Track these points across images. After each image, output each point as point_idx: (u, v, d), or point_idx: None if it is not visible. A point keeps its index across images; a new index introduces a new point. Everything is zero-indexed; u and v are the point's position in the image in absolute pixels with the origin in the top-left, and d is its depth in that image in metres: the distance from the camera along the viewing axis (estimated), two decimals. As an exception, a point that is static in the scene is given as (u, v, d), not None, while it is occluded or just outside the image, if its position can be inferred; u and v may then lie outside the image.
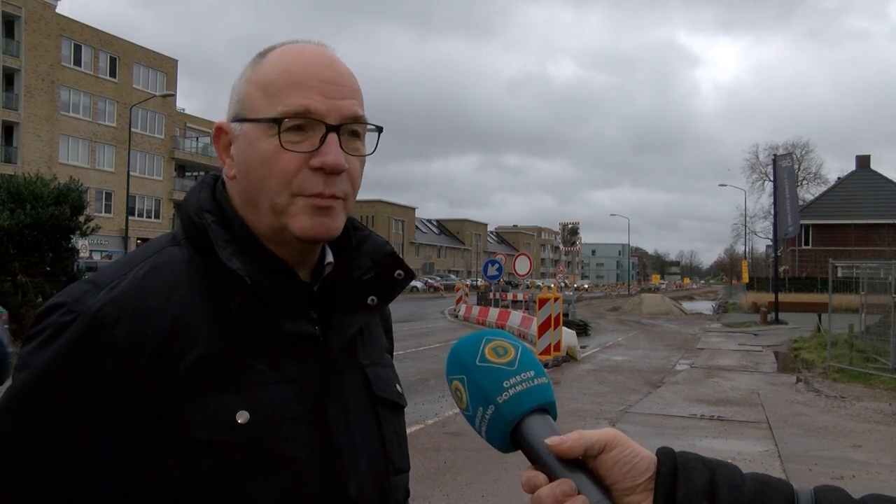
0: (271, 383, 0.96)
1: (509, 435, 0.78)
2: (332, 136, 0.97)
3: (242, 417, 0.92)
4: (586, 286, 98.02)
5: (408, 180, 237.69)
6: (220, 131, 1.05)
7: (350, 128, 1.00)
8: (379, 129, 1.05)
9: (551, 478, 0.74)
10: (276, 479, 0.93)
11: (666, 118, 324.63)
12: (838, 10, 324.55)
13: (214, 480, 0.90)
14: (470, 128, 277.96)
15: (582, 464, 0.74)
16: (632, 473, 0.73)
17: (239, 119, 1.02)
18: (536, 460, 0.76)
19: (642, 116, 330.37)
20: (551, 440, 0.74)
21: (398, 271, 1.11)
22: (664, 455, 0.76)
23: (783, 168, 34.03)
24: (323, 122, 0.97)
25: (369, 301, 1.08)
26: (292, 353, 0.98)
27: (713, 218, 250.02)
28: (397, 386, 1.16)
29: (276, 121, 0.97)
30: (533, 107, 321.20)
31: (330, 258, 1.08)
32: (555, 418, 0.79)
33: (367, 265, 1.09)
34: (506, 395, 0.78)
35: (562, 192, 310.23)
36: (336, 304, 1.05)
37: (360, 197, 1.12)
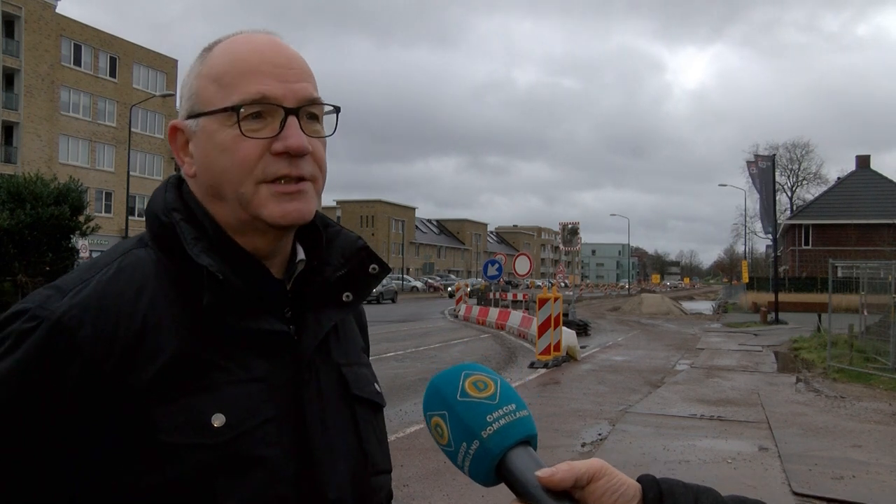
0: (244, 383, 0.93)
1: (494, 469, 0.78)
2: (293, 120, 0.96)
3: (218, 420, 0.90)
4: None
5: (393, 182, 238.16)
6: (175, 130, 1.03)
7: (308, 110, 0.99)
8: (336, 110, 1.04)
9: None
10: (250, 480, 0.91)
11: (640, 121, 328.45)
12: (773, 21, 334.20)
13: (186, 484, 0.88)
14: (448, 132, 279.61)
15: (569, 495, 0.74)
16: (619, 503, 0.74)
17: (194, 115, 1.00)
18: (523, 493, 0.75)
19: (616, 119, 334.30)
20: (542, 472, 0.74)
21: (372, 266, 1.08)
22: (648, 482, 0.77)
23: (760, 169, 34.16)
24: (281, 107, 0.96)
25: (344, 298, 1.06)
26: (266, 353, 0.96)
27: (701, 218, 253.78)
28: (375, 385, 1.14)
29: (234, 109, 0.95)
30: (508, 111, 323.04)
31: (301, 255, 1.06)
32: (535, 450, 0.79)
33: (340, 261, 1.07)
34: (490, 430, 0.77)
35: (548, 193, 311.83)
36: (309, 302, 1.03)
37: (359, 197, 1.11)
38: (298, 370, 0.99)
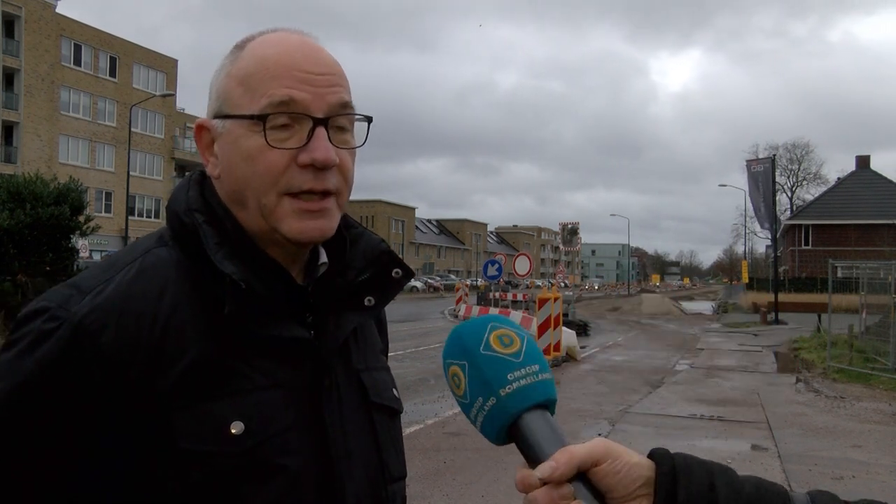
0: (264, 389, 0.92)
1: (506, 428, 0.76)
2: (320, 131, 0.93)
3: (237, 428, 0.88)
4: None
5: (387, 183, 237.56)
6: (201, 129, 1.00)
7: (338, 120, 0.95)
8: (368, 119, 1.00)
9: None
10: (272, 488, 0.89)
11: (627, 123, 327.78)
12: (740, 28, 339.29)
13: (208, 491, 0.87)
14: (436, 134, 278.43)
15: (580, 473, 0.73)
16: (625, 482, 0.72)
17: (221, 115, 0.97)
18: (533, 459, 0.74)
19: (603, 121, 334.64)
20: (542, 472, 0.72)
21: (396, 270, 1.05)
22: (661, 456, 0.75)
23: (755, 172, 34.49)
24: (309, 116, 0.93)
25: (366, 302, 1.03)
26: (286, 358, 0.94)
27: (696, 219, 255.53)
28: (394, 391, 1.11)
29: (261, 118, 0.92)
30: (495, 113, 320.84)
31: (324, 258, 1.04)
32: (553, 414, 0.77)
33: (363, 265, 1.04)
34: (509, 389, 0.75)
35: (540, 193, 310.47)
36: (331, 306, 1.00)
37: (359, 197, 1.09)
38: (319, 376, 0.97)
